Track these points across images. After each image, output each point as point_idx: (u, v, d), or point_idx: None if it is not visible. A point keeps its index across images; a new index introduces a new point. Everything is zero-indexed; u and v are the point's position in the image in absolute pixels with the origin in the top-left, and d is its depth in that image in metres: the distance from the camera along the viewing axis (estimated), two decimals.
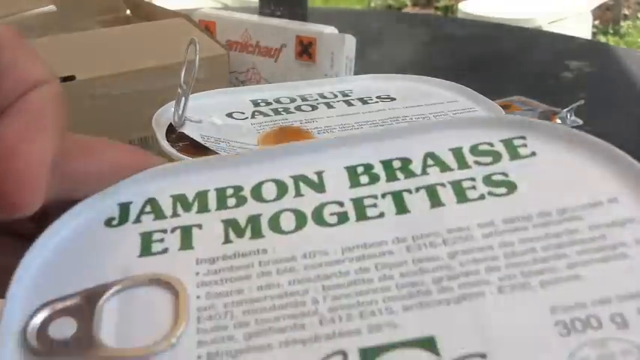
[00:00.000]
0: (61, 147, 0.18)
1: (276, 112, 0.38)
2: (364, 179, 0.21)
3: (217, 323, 0.17)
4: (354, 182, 0.21)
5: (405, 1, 3.17)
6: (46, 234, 0.19)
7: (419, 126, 0.22)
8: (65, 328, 0.17)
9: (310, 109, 0.38)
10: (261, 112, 0.38)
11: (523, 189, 0.20)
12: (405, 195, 0.20)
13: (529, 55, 0.92)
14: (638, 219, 0.18)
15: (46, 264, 0.19)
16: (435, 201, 0.20)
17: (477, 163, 0.21)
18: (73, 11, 0.67)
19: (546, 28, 1.97)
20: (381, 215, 0.20)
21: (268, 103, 0.39)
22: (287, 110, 0.38)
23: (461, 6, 2.18)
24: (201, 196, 0.21)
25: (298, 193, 0.21)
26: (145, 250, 0.19)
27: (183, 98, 0.33)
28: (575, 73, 0.83)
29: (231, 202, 0.21)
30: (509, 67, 0.87)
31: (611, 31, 2.79)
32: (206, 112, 0.37)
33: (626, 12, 2.91)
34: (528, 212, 0.19)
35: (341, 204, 0.20)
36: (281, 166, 0.21)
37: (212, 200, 0.21)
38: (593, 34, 2.55)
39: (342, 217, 0.20)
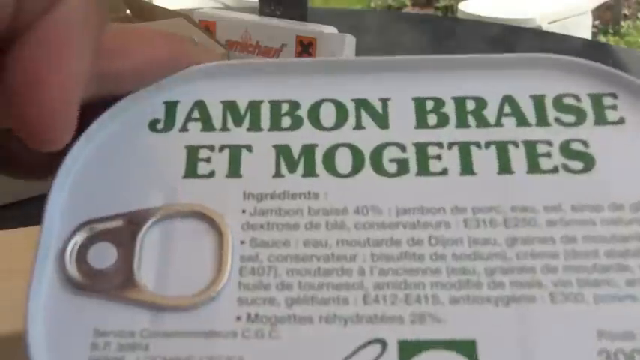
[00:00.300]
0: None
1: None
2: (432, 119, 0.18)
3: (260, 280, 0.16)
4: (421, 121, 0.18)
5: (405, 1, 3.17)
6: (84, 137, 0.17)
7: (502, 60, 0.19)
8: (105, 256, 0.16)
9: None
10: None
11: (601, 167, 0.17)
12: (474, 150, 0.18)
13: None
14: None
15: (84, 176, 0.18)
16: (504, 165, 0.17)
17: (557, 121, 0.18)
18: None
19: (546, 28, 1.97)
20: (444, 172, 0.18)
21: None
22: None
23: (461, 6, 2.18)
24: (254, 107, 0.19)
25: (359, 125, 0.18)
26: (191, 170, 0.18)
27: None
28: None
29: (286, 122, 0.19)
30: None
31: (611, 31, 2.79)
32: None
33: (626, 12, 2.91)
34: (600, 201, 0.17)
35: (403, 148, 0.18)
36: (344, 83, 0.19)
37: (265, 116, 0.19)
38: (593, 34, 2.55)
39: (403, 166, 0.18)
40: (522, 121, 0.18)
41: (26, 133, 0.15)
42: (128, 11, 0.71)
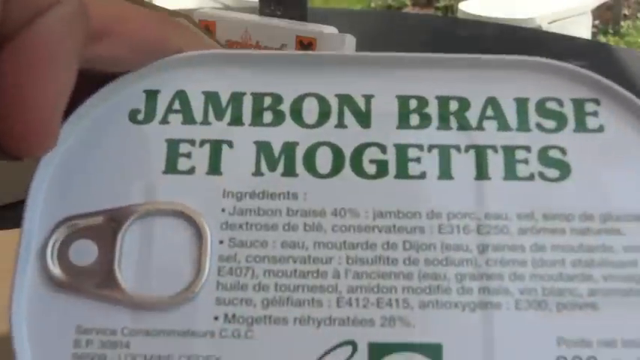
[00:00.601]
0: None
1: None
2: (414, 120, 0.18)
3: (238, 280, 0.17)
4: (403, 121, 0.18)
5: (405, 1, 3.17)
6: (64, 130, 0.17)
7: (485, 60, 0.19)
8: (85, 253, 0.17)
9: None
10: None
11: (576, 176, 0.17)
12: (453, 154, 0.18)
13: (529, 55, 0.92)
14: None
15: (63, 170, 0.18)
16: (482, 171, 0.18)
17: (538, 126, 0.18)
18: None
19: (546, 28, 1.97)
20: (422, 176, 0.18)
21: None
22: None
23: (461, 6, 2.18)
24: (236, 100, 0.19)
25: (341, 123, 0.18)
26: (171, 165, 0.18)
27: None
28: None
29: (268, 117, 0.18)
30: None
31: (611, 31, 2.79)
32: None
33: (626, 12, 2.91)
34: (572, 210, 0.17)
35: (384, 149, 0.18)
36: (328, 78, 0.19)
37: (247, 109, 0.18)
38: (593, 34, 2.55)
39: (382, 168, 0.18)
40: (503, 126, 0.18)
41: (6, 141, 0.15)
42: None
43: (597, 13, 2.48)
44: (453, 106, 0.18)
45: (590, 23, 2.29)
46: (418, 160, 0.18)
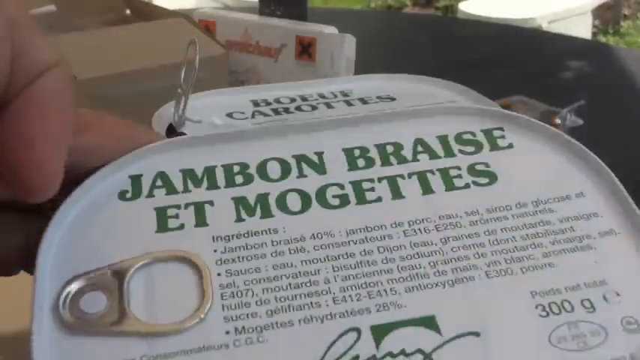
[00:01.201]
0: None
1: (276, 112, 0.38)
2: (361, 162, 0.22)
3: (240, 300, 0.18)
4: (352, 164, 0.22)
5: (405, 1, 3.17)
6: (63, 209, 0.20)
7: (410, 112, 0.24)
8: (96, 303, 0.18)
9: (310, 109, 0.38)
10: (261, 112, 0.38)
11: (503, 180, 0.22)
12: (399, 181, 0.22)
13: (529, 55, 0.92)
14: (602, 213, 0.21)
15: (67, 239, 0.19)
16: (426, 188, 0.22)
17: (461, 152, 0.22)
18: (73, 11, 0.67)
19: (546, 28, 1.97)
20: (379, 199, 0.21)
21: (268, 103, 0.39)
22: (287, 110, 0.38)
23: (461, 6, 2.18)
24: (210, 172, 0.22)
25: (301, 174, 0.22)
26: (162, 226, 0.20)
27: (183, 98, 0.33)
28: (575, 73, 0.83)
29: (239, 179, 0.22)
30: (509, 67, 0.87)
31: (611, 31, 2.79)
32: (206, 112, 0.37)
33: (626, 12, 2.91)
34: (508, 203, 0.21)
35: (341, 186, 0.21)
36: (282, 144, 0.23)
37: (220, 177, 0.22)
38: (593, 34, 2.55)
39: (344, 200, 0.21)
40: (434, 155, 0.22)
41: (15, 184, 0.16)
42: (128, 11, 0.71)
43: (597, 13, 2.48)
44: (390, 149, 0.23)
45: (590, 23, 2.30)
46: (372, 189, 0.21)
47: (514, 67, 0.87)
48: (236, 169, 0.22)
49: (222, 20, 0.63)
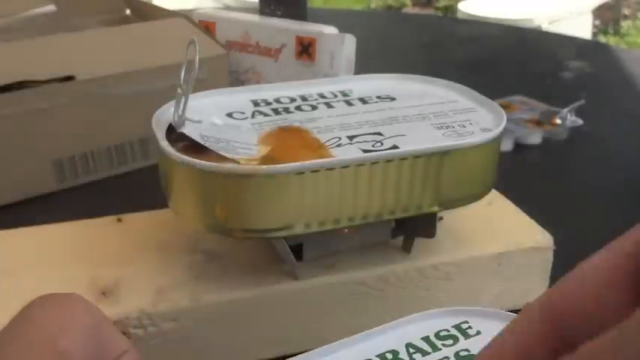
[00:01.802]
0: None
1: (276, 111, 0.38)
2: None
3: None
4: None
5: (405, 1, 3.17)
6: None
7: (396, 323, 0.28)
8: None
9: (310, 108, 0.39)
10: (261, 112, 0.38)
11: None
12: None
13: (529, 55, 0.92)
14: None
15: None
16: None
17: (444, 345, 0.27)
18: (73, 11, 0.67)
19: (546, 28, 1.97)
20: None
21: (268, 103, 0.39)
22: (287, 110, 0.38)
23: (461, 6, 2.18)
24: None
25: None
26: None
27: (183, 98, 0.33)
28: (575, 73, 0.83)
29: None
30: (509, 67, 0.87)
31: (611, 31, 2.79)
32: (206, 112, 0.37)
33: (626, 12, 2.91)
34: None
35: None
36: None
37: None
38: (593, 34, 2.55)
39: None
40: (425, 353, 0.26)
41: None
42: (128, 11, 0.71)
43: (597, 13, 2.48)
44: (389, 356, 0.26)
45: (590, 23, 2.29)
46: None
47: (514, 67, 0.87)
48: None
49: (222, 20, 0.63)
